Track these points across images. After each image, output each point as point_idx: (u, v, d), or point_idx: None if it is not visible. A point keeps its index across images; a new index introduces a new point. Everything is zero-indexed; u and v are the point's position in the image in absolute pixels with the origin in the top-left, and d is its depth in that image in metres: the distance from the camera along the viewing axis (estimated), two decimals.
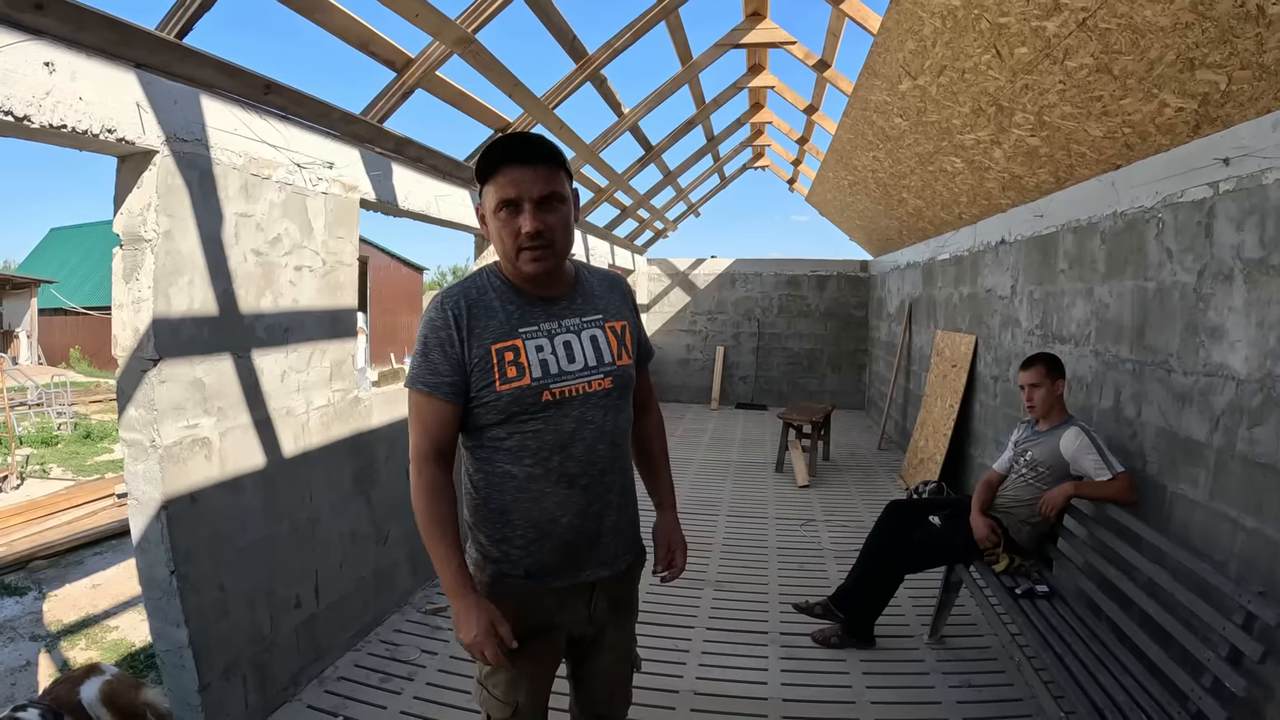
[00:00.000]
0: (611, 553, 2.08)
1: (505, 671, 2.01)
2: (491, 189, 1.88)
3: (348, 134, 4.08)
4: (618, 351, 2.05)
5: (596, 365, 1.99)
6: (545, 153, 1.88)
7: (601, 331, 2.04)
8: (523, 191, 1.84)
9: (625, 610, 2.23)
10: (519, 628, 1.96)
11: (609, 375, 2.00)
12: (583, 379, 1.96)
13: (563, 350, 1.96)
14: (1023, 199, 5.63)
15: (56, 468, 10.21)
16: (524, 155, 1.86)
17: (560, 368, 1.93)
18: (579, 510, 1.97)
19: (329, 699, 3.62)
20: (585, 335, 2.01)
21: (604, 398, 1.99)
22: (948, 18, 3.81)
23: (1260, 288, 2.96)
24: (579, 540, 1.99)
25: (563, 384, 1.93)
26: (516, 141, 1.88)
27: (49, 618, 5.08)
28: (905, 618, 4.59)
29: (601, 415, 1.98)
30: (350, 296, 4.11)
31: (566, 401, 1.93)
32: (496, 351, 1.89)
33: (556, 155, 1.91)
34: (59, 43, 2.46)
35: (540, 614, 2.01)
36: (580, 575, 2.03)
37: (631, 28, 5.55)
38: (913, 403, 9.17)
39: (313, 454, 3.81)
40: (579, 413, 1.94)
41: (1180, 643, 2.80)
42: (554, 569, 1.99)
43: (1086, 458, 3.71)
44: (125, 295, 2.87)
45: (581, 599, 2.06)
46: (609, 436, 2.01)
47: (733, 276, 14.36)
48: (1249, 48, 2.64)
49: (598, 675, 2.25)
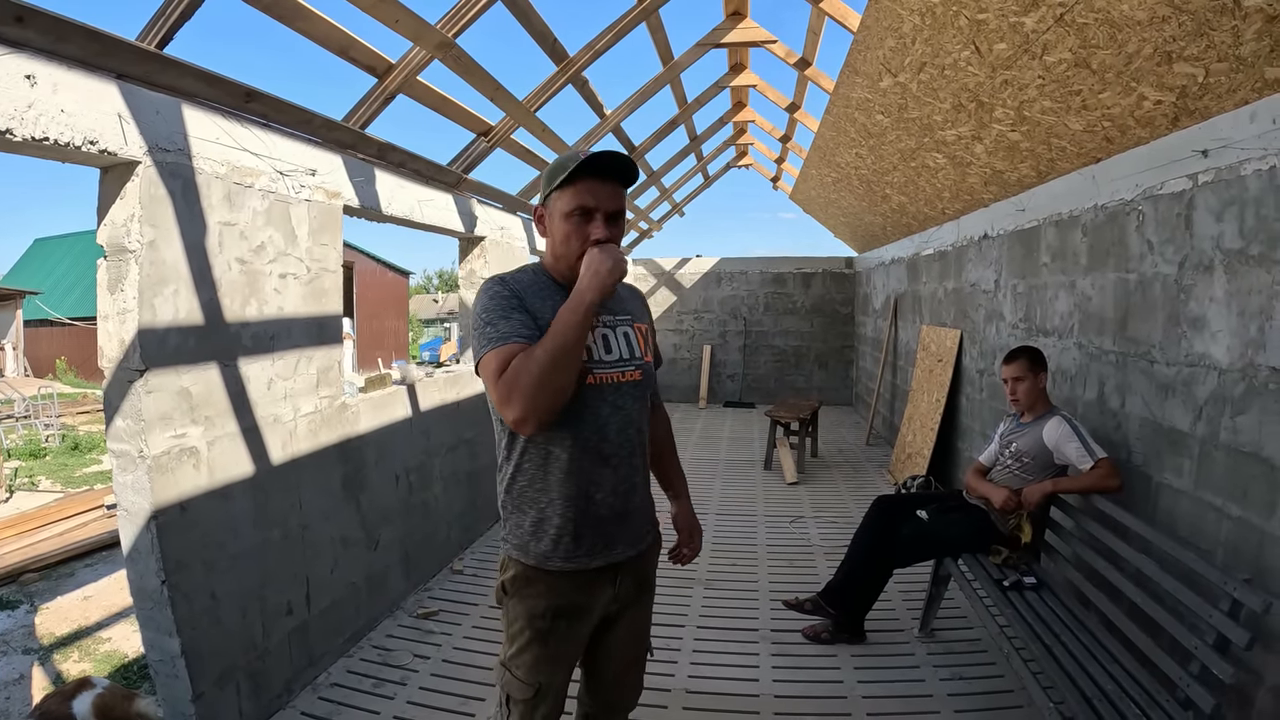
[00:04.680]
0: (637, 530, 2.20)
1: (530, 651, 2.09)
2: (569, 194, 2.00)
3: (330, 140, 4.07)
4: (644, 349, 2.20)
5: (629, 358, 2.13)
6: (625, 172, 2.04)
7: (631, 330, 2.19)
8: (600, 203, 2.00)
9: (647, 589, 2.33)
10: (547, 606, 2.09)
11: (639, 369, 2.14)
12: (617, 369, 2.09)
13: (601, 341, 2.09)
14: (1005, 193, 5.67)
15: (45, 480, 10.14)
16: (606, 170, 2.00)
17: (600, 356, 2.07)
18: (612, 488, 2.08)
19: (323, 705, 3.62)
20: (619, 331, 2.15)
21: (634, 388, 2.12)
22: (927, 15, 3.83)
23: (1240, 278, 2.99)
24: (611, 516, 2.10)
25: (602, 371, 2.06)
26: (602, 154, 1.98)
27: (41, 631, 5.06)
28: (895, 612, 4.61)
29: (631, 403, 2.11)
30: (335, 303, 4.10)
31: (604, 388, 2.05)
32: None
33: (632, 178, 2.08)
34: (40, 55, 2.45)
35: (574, 595, 2.11)
36: (612, 553, 2.12)
37: (612, 29, 5.55)
38: (900, 398, 9.20)
39: (301, 460, 3.80)
40: (613, 399, 2.06)
41: (1168, 631, 2.83)
42: (590, 547, 2.08)
43: (1069, 445, 3.74)
44: (111, 306, 2.86)
45: (608, 580, 2.15)
46: (636, 423, 2.14)
47: (718, 275, 14.39)
48: (1225, 40, 2.66)
49: (610, 656, 2.30)
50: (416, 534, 4.91)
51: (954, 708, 3.57)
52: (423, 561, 5.06)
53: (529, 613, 2.10)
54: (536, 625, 2.09)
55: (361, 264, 28.04)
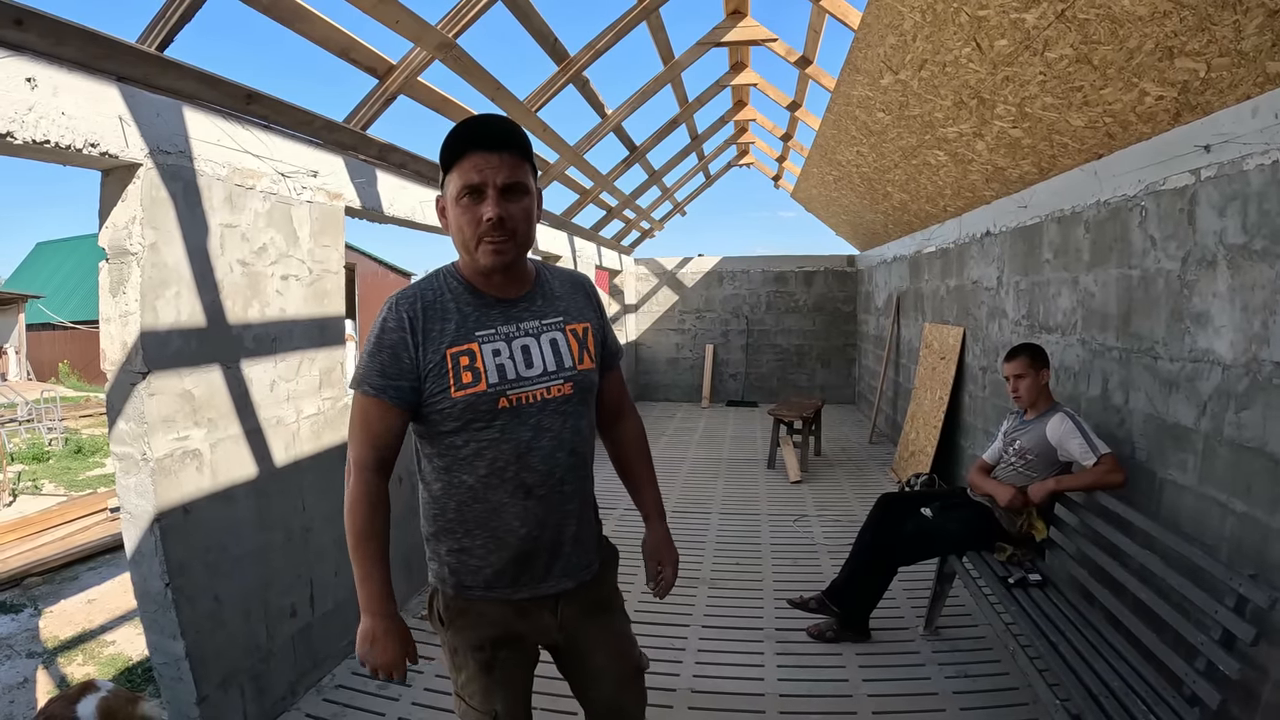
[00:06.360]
0: (575, 563, 2.01)
1: (478, 681, 1.96)
2: (455, 175, 1.80)
3: (331, 142, 4.07)
4: (578, 355, 1.97)
5: (556, 370, 1.91)
6: (513, 140, 1.82)
7: (562, 335, 1.96)
8: (487, 177, 1.76)
9: (602, 611, 2.13)
10: (484, 637, 1.94)
11: (569, 380, 1.92)
12: (541, 384, 1.88)
13: (520, 355, 1.88)
14: (1007, 190, 5.66)
15: (48, 484, 10.17)
16: (490, 141, 1.79)
17: (518, 373, 1.86)
18: (538, 522, 1.90)
19: (327, 707, 3.62)
20: (545, 339, 1.93)
21: (563, 404, 1.91)
22: (927, 12, 3.82)
23: (1243, 273, 2.98)
24: (538, 551, 1.93)
25: (520, 390, 1.86)
26: (483, 126, 1.82)
27: (45, 634, 5.07)
28: (900, 610, 4.61)
29: (560, 422, 1.91)
30: (338, 304, 4.10)
31: (524, 409, 1.86)
32: (452, 356, 1.83)
33: (524, 144, 1.85)
34: (40, 58, 2.45)
35: (503, 624, 1.96)
36: (541, 587, 1.96)
37: (613, 28, 5.56)
38: (902, 396, 9.19)
39: (304, 462, 3.80)
40: (537, 420, 1.87)
41: (1173, 627, 2.83)
42: (514, 580, 1.94)
43: (1072, 441, 3.73)
44: (113, 309, 2.86)
45: (546, 609, 1.99)
46: (568, 444, 1.93)
47: (720, 274, 14.39)
48: (1227, 35, 2.65)
49: (594, 680, 2.14)
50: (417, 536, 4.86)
51: (959, 705, 3.57)
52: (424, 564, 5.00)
53: (468, 644, 1.96)
54: (477, 657, 1.95)
55: (364, 266, 28.00)
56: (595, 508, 2.14)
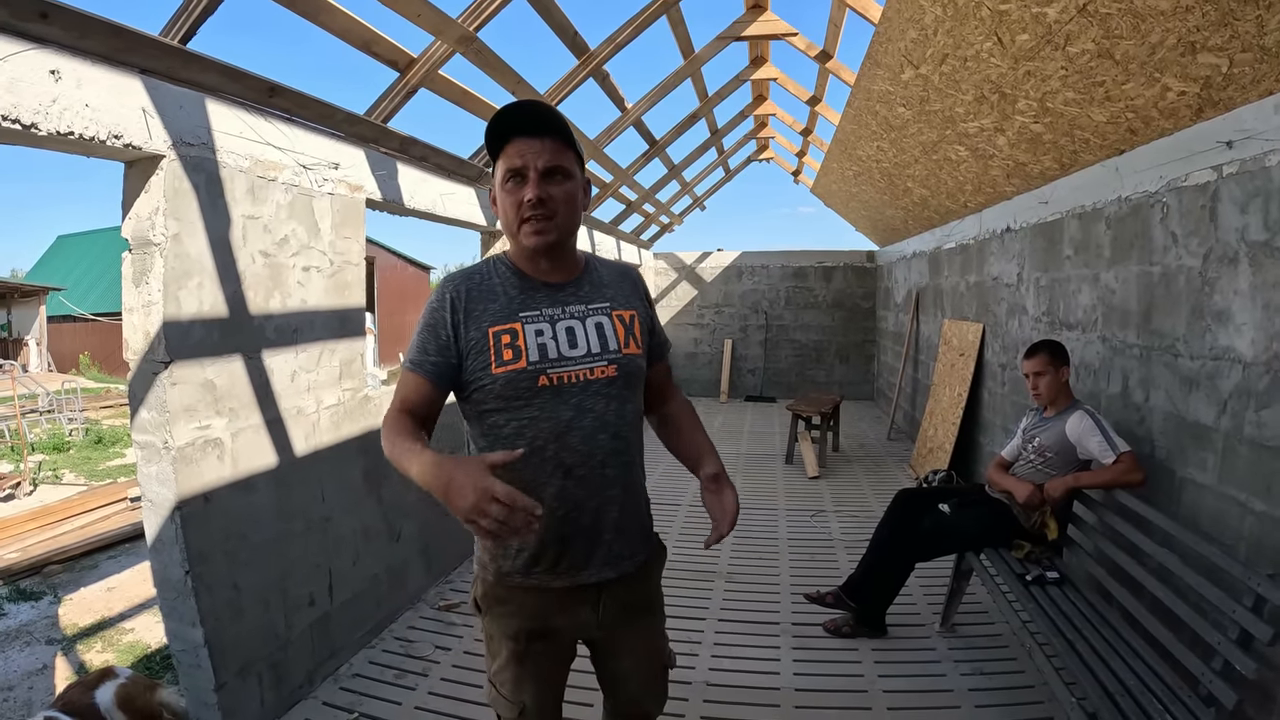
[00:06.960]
0: (616, 552, 1.97)
1: (510, 669, 1.98)
2: (500, 161, 1.84)
3: (352, 135, 4.09)
4: (624, 340, 1.96)
5: (600, 352, 1.90)
6: (555, 125, 1.85)
7: (608, 319, 1.96)
8: (528, 161, 1.80)
9: (643, 612, 2.11)
10: (519, 628, 1.95)
11: (613, 363, 1.91)
12: (585, 365, 1.87)
13: (564, 336, 1.88)
14: (1027, 186, 5.63)
15: (69, 473, 10.25)
16: (532, 127, 1.82)
17: (560, 353, 1.86)
18: (575, 503, 1.88)
19: (344, 696, 3.65)
20: (590, 322, 1.93)
21: (607, 386, 1.90)
22: (949, 5, 3.80)
23: (1265, 270, 2.96)
24: (576, 535, 1.91)
25: (562, 369, 1.85)
26: (525, 112, 1.85)
27: (65, 621, 5.12)
28: (916, 606, 4.60)
29: (604, 404, 1.89)
30: (358, 296, 4.13)
31: (565, 388, 1.85)
32: (494, 334, 1.84)
33: (565, 130, 1.86)
34: (64, 50, 2.48)
35: (541, 617, 1.95)
36: (581, 576, 1.93)
37: (633, 22, 5.57)
38: (921, 392, 9.16)
39: (324, 453, 3.83)
40: (579, 400, 1.86)
41: (1190, 626, 2.81)
42: (552, 566, 1.92)
43: (1091, 439, 3.71)
44: (135, 299, 2.89)
45: (587, 602, 1.97)
46: (611, 427, 1.90)
47: (739, 269, 14.36)
48: (1250, 30, 2.63)
49: (621, 680, 2.15)
50: (436, 526, 4.91)
51: (975, 702, 3.56)
52: (444, 554, 5.08)
53: (503, 632, 1.98)
54: (511, 646, 1.97)
55: (382, 259, 28.11)
56: (645, 499, 2.11)
